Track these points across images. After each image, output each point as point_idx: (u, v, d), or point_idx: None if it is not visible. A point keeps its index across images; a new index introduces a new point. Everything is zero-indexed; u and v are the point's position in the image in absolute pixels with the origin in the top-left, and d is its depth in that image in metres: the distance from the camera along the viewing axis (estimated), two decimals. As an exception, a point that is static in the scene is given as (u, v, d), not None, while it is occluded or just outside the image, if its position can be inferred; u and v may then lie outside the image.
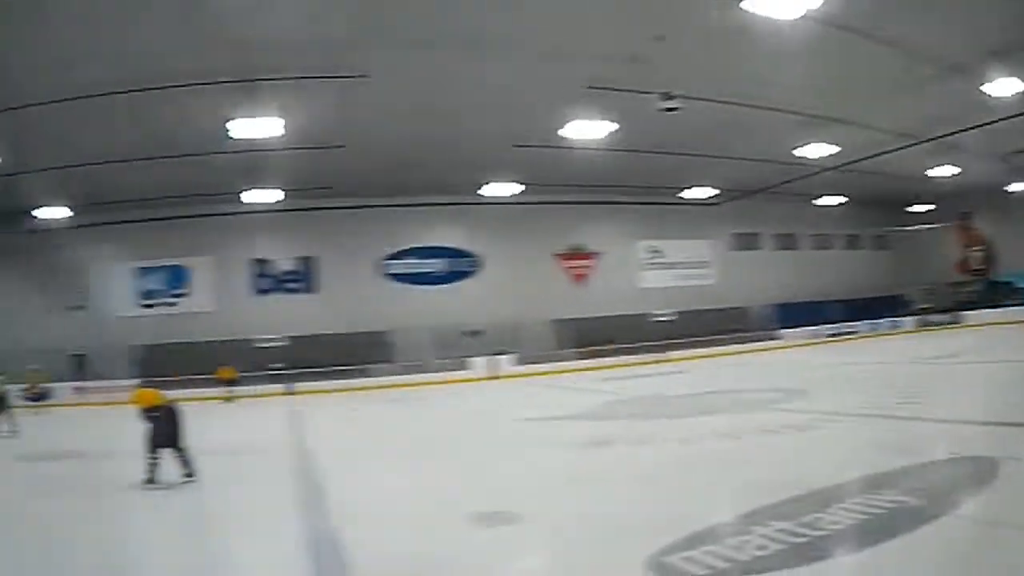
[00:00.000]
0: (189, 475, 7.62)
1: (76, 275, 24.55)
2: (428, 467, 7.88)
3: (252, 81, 13.86)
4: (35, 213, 22.57)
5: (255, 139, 16.21)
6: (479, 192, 23.84)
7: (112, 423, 11.61)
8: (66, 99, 13.97)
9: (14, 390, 17.71)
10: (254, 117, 14.93)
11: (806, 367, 18.41)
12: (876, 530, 4.00)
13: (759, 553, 3.72)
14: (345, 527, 5.25)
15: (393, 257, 25.46)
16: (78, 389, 23.26)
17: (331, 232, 24.73)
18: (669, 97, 14.30)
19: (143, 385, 10.51)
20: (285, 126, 15.58)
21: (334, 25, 12.22)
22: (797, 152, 21.10)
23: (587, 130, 17.32)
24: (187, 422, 7.79)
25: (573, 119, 16.77)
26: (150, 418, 7.68)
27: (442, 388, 21.14)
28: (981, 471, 5.23)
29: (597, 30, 12.87)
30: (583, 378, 20.71)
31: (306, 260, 25.16)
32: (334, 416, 16.17)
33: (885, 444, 6.71)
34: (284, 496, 6.77)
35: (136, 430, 7.68)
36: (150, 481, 7.49)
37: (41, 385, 21.01)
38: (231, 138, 16.04)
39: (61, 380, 22.92)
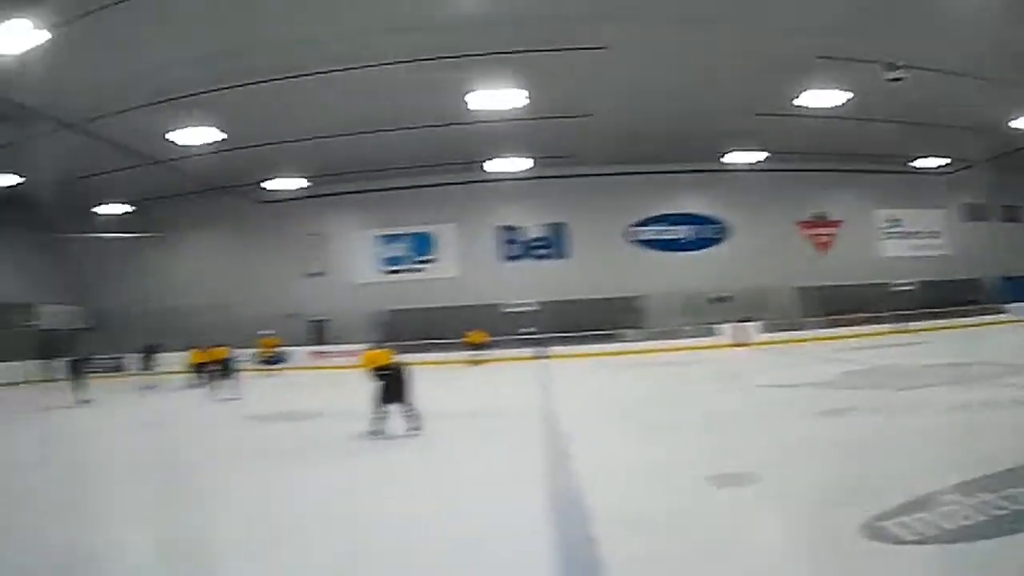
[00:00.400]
0: (415, 428, 7.93)
1: (317, 243, 24.53)
2: (668, 431, 7.85)
3: (493, 55, 14.21)
4: (266, 185, 23.19)
5: (497, 110, 16.79)
6: (722, 160, 23.35)
7: (344, 386, 11.76)
8: (317, 72, 14.78)
9: (247, 355, 18.55)
10: (494, 89, 15.48)
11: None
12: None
13: (965, 523, 3.77)
14: (583, 486, 5.28)
15: (641, 224, 25.03)
16: (314, 353, 23.24)
17: (579, 199, 24.61)
18: (894, 67, 14.39)
19: (378, 347, 9.81)
20: (529, 97, 16.01)
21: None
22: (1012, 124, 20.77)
23: (822, 99, 17.63)
24: (433, 384, 8.63)
25: (807, 88, 17.02)
26: (379, 377, 8.08)
27: (690, 354, 20.73)
28: None
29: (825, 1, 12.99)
30: (825, 347, 20.14)
31: (555, 227, 24.83)
32: (579, 380, 15.90)
33: None
34: (523, 453, 6.79)
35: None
36: (374, 433, 7.86)
37: (276, 349, 21.28)
38: (470, 110, 16.69)
39: (299, 345, 22.93)
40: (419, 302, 23.69)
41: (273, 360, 21.22)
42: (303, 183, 23.25)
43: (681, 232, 25.23)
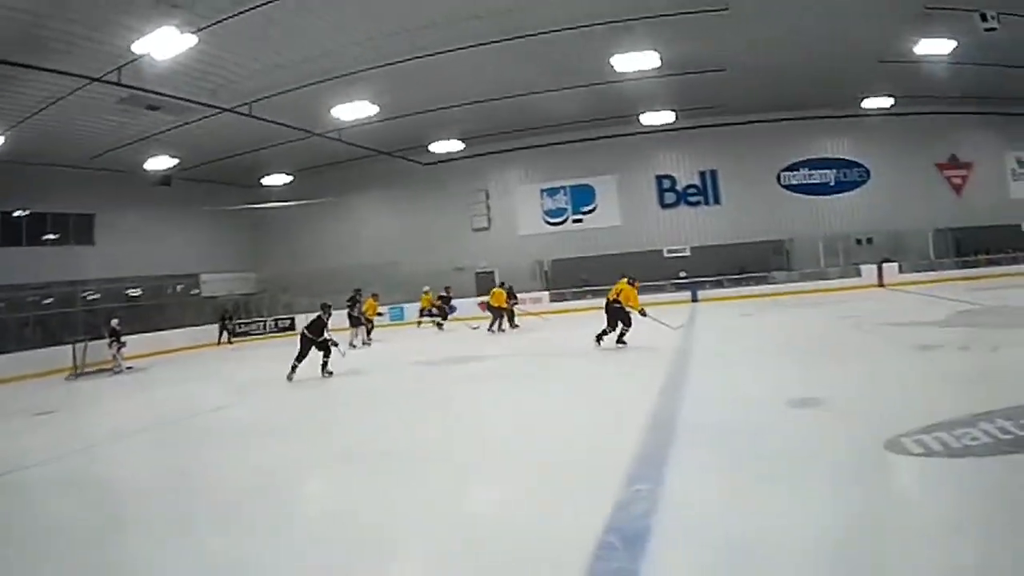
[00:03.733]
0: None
1: (479, 199, 25.95)
2: (773, 363, 9.30)
3: (627, 21, 15.44)
4: (431, 147, 24.47)
5: (638, 71, 17.71)
6: (860, 106, 24.20)
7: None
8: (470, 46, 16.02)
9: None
10: (632, 52, 16.42)
11: None
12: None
13: (970, 443, 4.49)
14: (684, 406, 6.73)
15: (788, 169, 25.94)
16: (483, 303, 24.65)
17: (728, 148, 25.75)
18: (984, 18, 14.87)
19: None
20: (661, 58, 16.90)
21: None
22: None
23: (935, 47, 17.98)
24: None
25: (920, 38, 17.45)
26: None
27: (832, 295, 21.87)
28: None
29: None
30: (956, 287, 20.95)
31: (706, 174, 25.91)
32: (722, 319, 17.23)
33: None
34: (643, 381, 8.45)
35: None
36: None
37: (436, 303, 22.38)
38: (611, 71, 17.66)
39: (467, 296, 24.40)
40: (582, 251, 25.17)
41: (435, 313, 22.46)
42: (461, 145, 24.62)
43: (826, 176, 26.13)
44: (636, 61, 16.99)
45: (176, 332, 24.09)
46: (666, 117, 23.52)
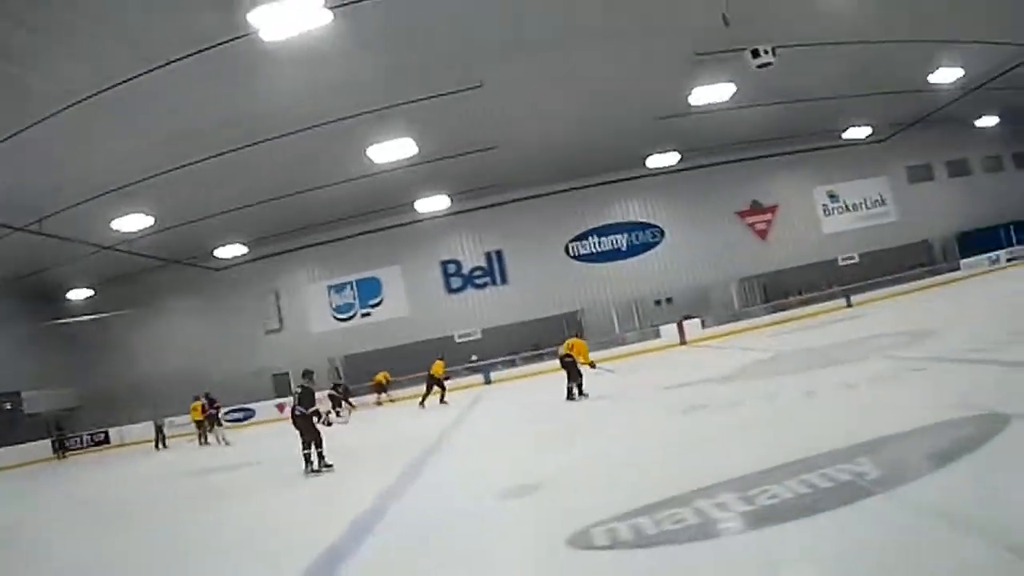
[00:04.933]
0: None
1: (269, 301, 25.67)
2: (522, 445, 8.93)
3: (381, 110, 15.36)
4: (216, 253, 24.37)
5: (395, 160, 17.69)
6: (646, 165, 23.74)
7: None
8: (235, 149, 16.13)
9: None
10: (388, 140, 16.39)
11: (970, 300, 17.63)
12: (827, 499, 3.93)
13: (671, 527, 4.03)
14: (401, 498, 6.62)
15: (576, 239, 25.45)
16: (279, 406, 24.37)
17: (512, 226, 25.43)
18: (755, 54, 14.14)
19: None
20: (417, 144, 16.82)
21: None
22: (931, 79, 20.75)
23: (711, 94, 17.58)
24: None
25: (694, 87, 17.16)
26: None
27: (629, 360, 21.00)
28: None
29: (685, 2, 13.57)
30: (758, 335, 20.51)
31: (492, 255, 25.59)
32: (500, 401, 16.85)
33: (954, 398, 5.89)
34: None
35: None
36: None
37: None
38: (374, 163, 17.67)
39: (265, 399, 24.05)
40: (374, 344, 24.69)
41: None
42: (244, 249, 24.43)
43: (618, 241, 25.63)
44: (393, 150, 16.96)
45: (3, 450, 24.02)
46: (440, 203, 23.19)
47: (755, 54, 14.11)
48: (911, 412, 5.67)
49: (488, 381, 22.95)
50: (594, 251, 25.52)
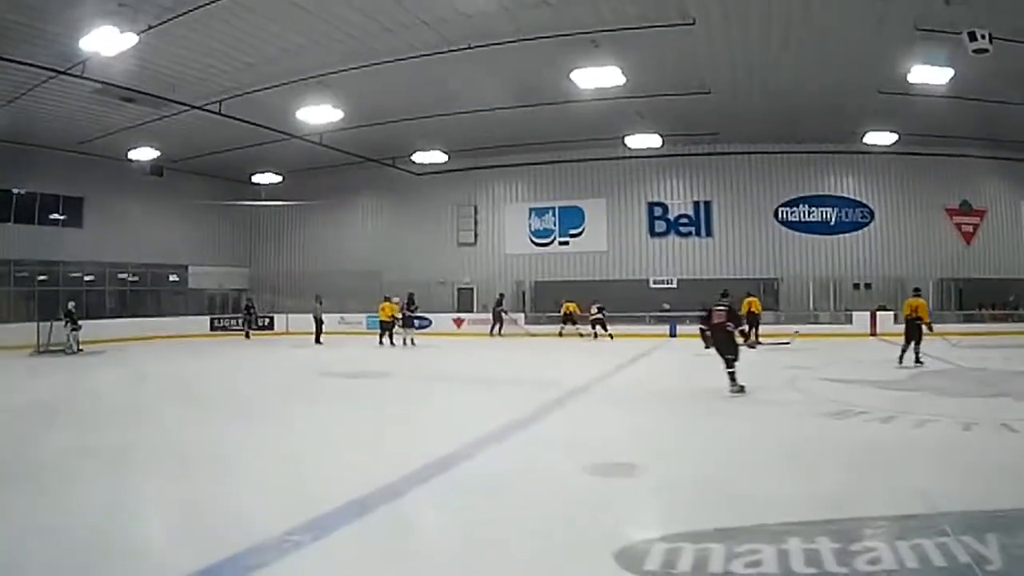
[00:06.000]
0: None
1: (466, 213, 25.75)
2: (642, 415, 8.40)
3: (590, 32, 14.59)
4: (415, 157, 24.08)
5: (602, 88, 16.68)
6: (863, 141, 23.13)
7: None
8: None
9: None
10: (592, 67, 15.44)
11: None
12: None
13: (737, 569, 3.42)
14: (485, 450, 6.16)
15: (786, 204, 25.02)
16: (456, 320, 24.56)
17: (724, 179, 24.97)
18: (972, 37, 13.08)
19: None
20: (624, 74, 15.86)
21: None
22: None
23: (929, 75, 16.26)
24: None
25: (915, 63, 15.78)
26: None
27: (811, 341, 20.15)
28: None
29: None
30: (939, 342, 19.53)
31: (700, 205, 25.24)
32: (672, 360, 16.30)
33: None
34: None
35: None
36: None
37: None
38: (579, 88, 16.70)
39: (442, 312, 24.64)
40: (566, 274, 24.75)
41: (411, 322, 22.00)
42: (444, 157, 24.20)
43: (826, 214, 24.99)
44: (598, 77, 16.11)
45: (163, 320, 24.60)
46: (652, 141, 22.69)
47: (972, 37, 13.21)
48: None
49: (673, 334, 22.69)
50: (802, 220, 24.99)
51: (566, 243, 25.80)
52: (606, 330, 21.55)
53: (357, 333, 24.60)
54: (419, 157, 24.20)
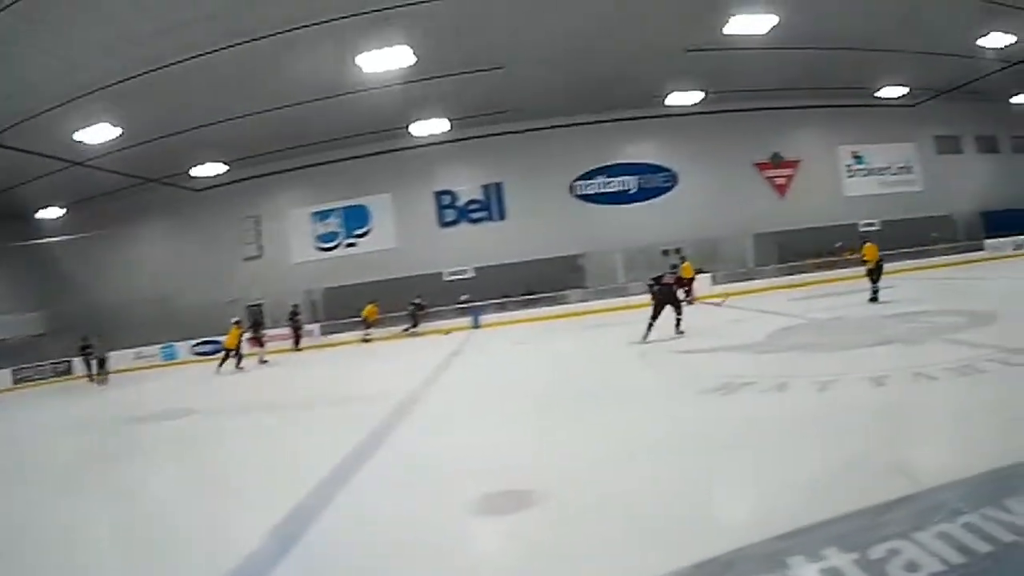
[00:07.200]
0: None
1: (248, 226, 24.08)
2: (493, 421, 6.67)
3: (373, 12, 13.46)
4: (193, 172, 22.68)
5: (390, 71, 15.77)
6: (665, 104, 22.16)
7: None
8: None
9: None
10: (385, 48, 14.42)
11: (1009, 283, 15.67)
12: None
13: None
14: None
15: (582, 178, 23.80)
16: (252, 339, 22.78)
17: (515, 158, 23.68)
18: None
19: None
20: (415, 53, 14.85)
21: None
22: (980, 43, 19.02)
23: (747, 25, 16.01)
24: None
25: (731, 15, 15.48)
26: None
27: (633, 313, 19.12)
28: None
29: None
30: (776, 297, 18.75)
31: (490, 187, 23.88)
32: (489, 353, 14.61)
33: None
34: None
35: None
36: None
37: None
38: (364, 73, 15.75)
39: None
40: (357, 277, 22.99)
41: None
42: (223, 168, 22.74)
43: (627, 183, 23.90)
44: (386, 59, 15.04)
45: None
46: (439, 126, 21.51)
47: None
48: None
49: (476, 325, 21.25)
50: (601, 191, 23.82)
51: (353, 245, 24.13)
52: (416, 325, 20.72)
53: (150, 368, 22.65)
54: (198, 171, 22.68)
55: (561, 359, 11.90)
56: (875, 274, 13.43)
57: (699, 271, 20.85)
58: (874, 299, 12.91)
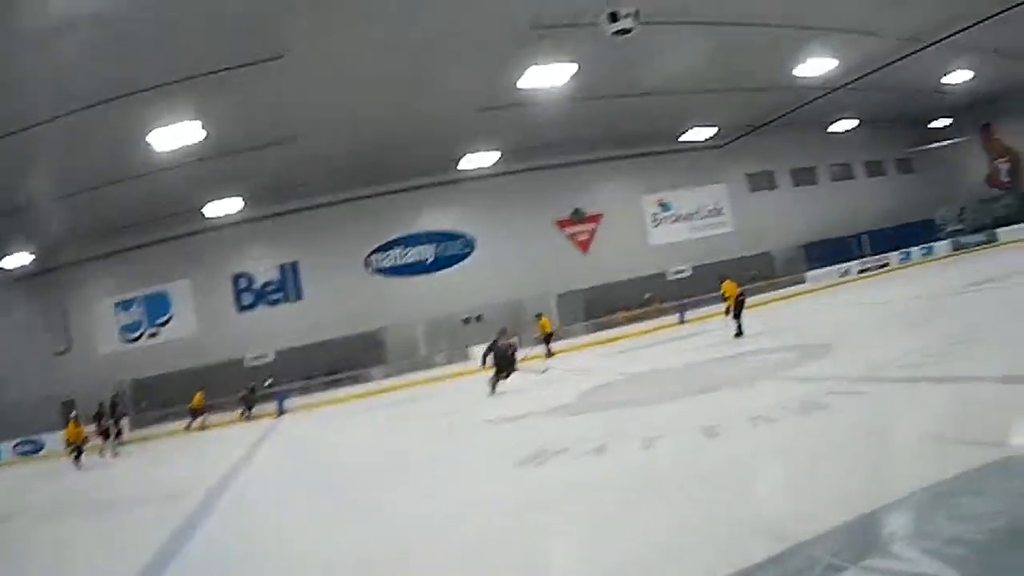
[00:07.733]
0: None
1: (57, 319, 23.49)
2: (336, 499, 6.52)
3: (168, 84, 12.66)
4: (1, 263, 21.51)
5: (182, 148, 15.13)
6: (459, 168, 22.21)
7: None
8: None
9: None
10: (173, 124, 13.85)
11: (834, 313, 16.29)
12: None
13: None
14: None
15: (378, 251, 23.70)
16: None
17: (310, 236, 23.26)
18: (615, 18, 11.60)
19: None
20: (204, 127, 14.37)
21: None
22: (797, 72, 19.17)
23: (544, 77, 15.35)
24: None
25: (528, 67, 14.87)
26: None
27: (435, 385, 19.48)
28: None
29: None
30: (588, 354, 18.91)
31: (286, 268, 23.59)
32: (293, 437, 14.48)
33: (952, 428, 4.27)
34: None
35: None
36: None
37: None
38: (156, 151, 15.06)
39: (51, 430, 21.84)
40: (162, 367, 22.58)
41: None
42: (31, 257, 21.54)
43: (423, 253, 23.88)
44: (177, 135, 14.39)
45: None
46: (233, 205, 21.09)
47: (613, 17, 11.60)
48: (911, 456, 3.95)
49: (282, 411, 21.04)
50: (397, 263, 23.72)
51: (155, 334, 23.57)
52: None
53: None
54: (5, 262, 21.36)
55: (371, 439, 11.62)
56: (736, 310, 13.67)
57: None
58: (739, 334, 13.16)
